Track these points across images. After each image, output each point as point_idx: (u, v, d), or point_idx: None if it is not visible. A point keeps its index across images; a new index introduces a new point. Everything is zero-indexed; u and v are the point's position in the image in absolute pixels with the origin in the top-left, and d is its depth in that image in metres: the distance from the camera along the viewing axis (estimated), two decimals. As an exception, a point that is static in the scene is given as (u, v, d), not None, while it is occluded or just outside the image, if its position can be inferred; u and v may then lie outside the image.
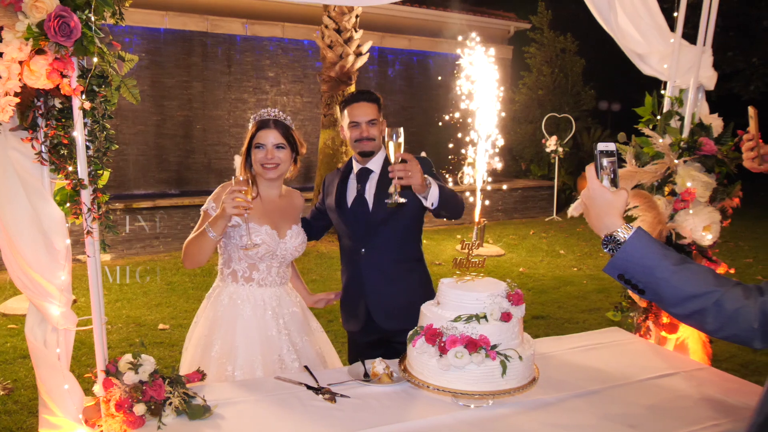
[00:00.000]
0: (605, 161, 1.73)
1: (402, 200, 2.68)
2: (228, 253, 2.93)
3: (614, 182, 1.72)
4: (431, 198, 2.80)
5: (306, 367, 2.65)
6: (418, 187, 2.72)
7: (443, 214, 2.93)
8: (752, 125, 2.60)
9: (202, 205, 2.94)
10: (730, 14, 15.38)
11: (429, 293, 2.51)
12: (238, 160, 3.00)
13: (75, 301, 2.35)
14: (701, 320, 1.60)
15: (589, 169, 1.74)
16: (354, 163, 3.22)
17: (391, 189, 2.65)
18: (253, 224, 2.86)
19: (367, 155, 3.14)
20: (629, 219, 3.16)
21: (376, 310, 3.10)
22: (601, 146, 1.74)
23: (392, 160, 2.64)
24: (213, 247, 2.71)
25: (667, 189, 3.19)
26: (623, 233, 1.66)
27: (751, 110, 2.60)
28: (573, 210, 3.10)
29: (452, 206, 2.91)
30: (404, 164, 2.63)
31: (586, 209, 1.76)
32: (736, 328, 1.57)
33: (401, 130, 2.62)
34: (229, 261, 2.94)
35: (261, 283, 2.91)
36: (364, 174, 3.16)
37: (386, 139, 2.62)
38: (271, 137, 2.90)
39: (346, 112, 3.14)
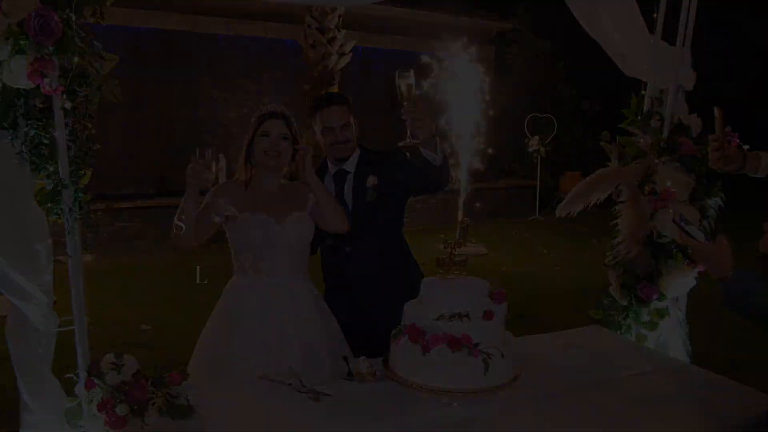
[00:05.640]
0: (689, 229, 2.08)
1: (415, 141, 2.74)
2: (234, 246, 2.92)
3: (704, 231, 2.08)
4: (440, 151, 2.81)
5: (290, 366, 2.64)
6: (427, 133, 2.74)
7: (442, 174, 2.92)
8: (718, 126, 2.63)
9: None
10: (706, 16, 15.52)
11: (416, 282, 2.50)
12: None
13: (55, 302, 2.33)
14: None
15: (686, 239, 2.10)
16: (329, 165, 3.21)
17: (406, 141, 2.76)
18: (247, 212, 2.85)
19: (343, 160, 3.13)
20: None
21: (365, 304, 3.10)
22: (681, 218, 2.10)
23: (404, 101, 2.67)
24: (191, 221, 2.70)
25: (647, 188, 3.23)
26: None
27: (716, 111, 2.63)
28: (560, 210, 3.14)
29: (448, 167, 2.93)
30: (416, 107, 2.68)
31: (707, 264, 2.11)
32: None
33: (412, 71, 2.66)
34: (236, 254, 2.92)
35: (268, 273, 2.85)
36: (341, 176, 3.16)
37: (397, 80, 2.65)
38: (277, 127, 2.89)
39: (318, 117, 3.11)
